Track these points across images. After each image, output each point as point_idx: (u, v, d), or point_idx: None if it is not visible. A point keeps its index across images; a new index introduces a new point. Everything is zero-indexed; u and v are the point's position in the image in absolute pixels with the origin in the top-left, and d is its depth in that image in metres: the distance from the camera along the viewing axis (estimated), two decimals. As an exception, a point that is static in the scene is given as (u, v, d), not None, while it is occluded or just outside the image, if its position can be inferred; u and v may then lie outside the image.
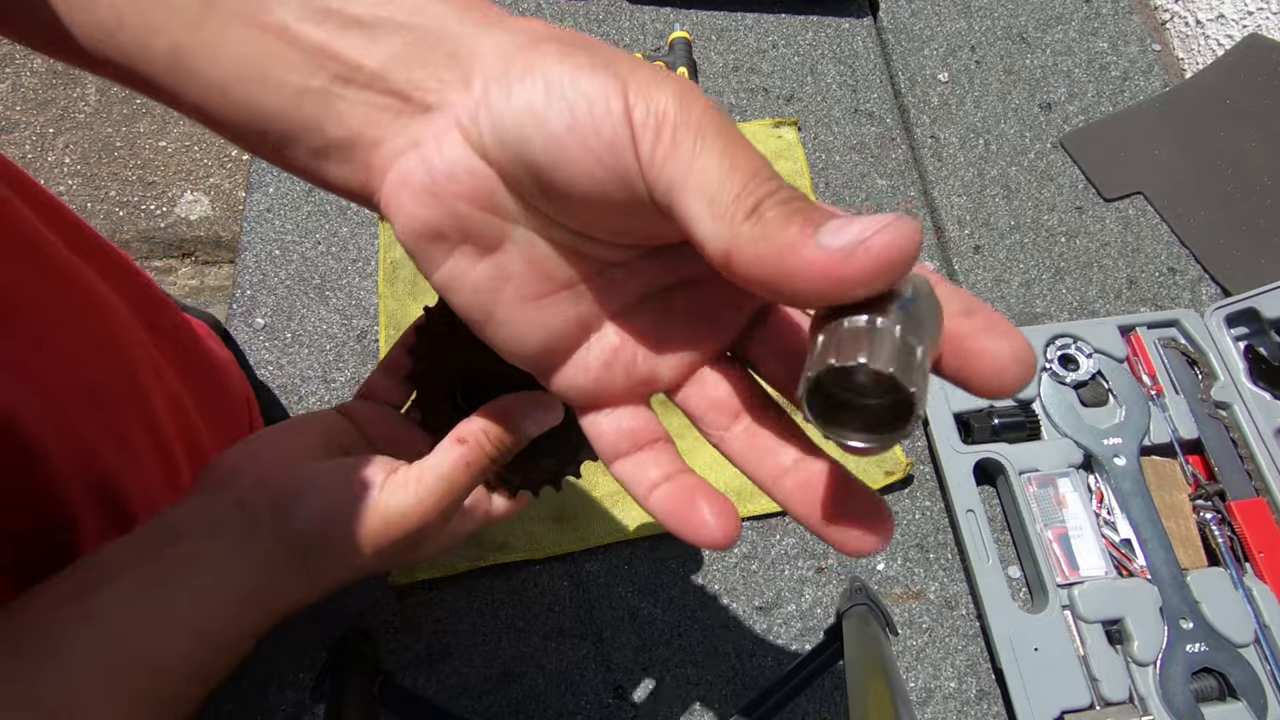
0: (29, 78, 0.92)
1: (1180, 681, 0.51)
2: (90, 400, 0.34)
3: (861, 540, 0.19)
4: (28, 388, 0.30)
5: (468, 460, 0.28)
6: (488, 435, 0.28)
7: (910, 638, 0.56)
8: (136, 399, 0.39)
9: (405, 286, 0.64)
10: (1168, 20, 0.85)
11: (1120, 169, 0.72)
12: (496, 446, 0.29)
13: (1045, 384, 0.61)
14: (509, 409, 0.29)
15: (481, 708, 0.52)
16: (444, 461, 0.28)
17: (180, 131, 0.85)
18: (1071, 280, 0.68)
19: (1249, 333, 0.62)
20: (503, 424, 0.29)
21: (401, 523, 0.28)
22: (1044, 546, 0.55)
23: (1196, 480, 0.58)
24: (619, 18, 0.78)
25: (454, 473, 0.28)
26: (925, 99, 0.76)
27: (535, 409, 0.29)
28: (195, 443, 0.45)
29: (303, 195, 0.68)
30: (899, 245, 0.15)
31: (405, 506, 0.27)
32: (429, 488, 0.28)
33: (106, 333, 0.38)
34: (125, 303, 0.41)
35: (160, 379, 0.42)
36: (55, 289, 0.34)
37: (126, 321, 0.40)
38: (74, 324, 0.35)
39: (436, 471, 0.28)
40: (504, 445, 0.29)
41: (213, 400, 0.50)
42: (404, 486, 0.28)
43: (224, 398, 0.52)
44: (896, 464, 0.60)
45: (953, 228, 0.70)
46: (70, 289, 0.36)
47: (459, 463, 0.28)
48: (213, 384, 0.51)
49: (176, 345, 0.47)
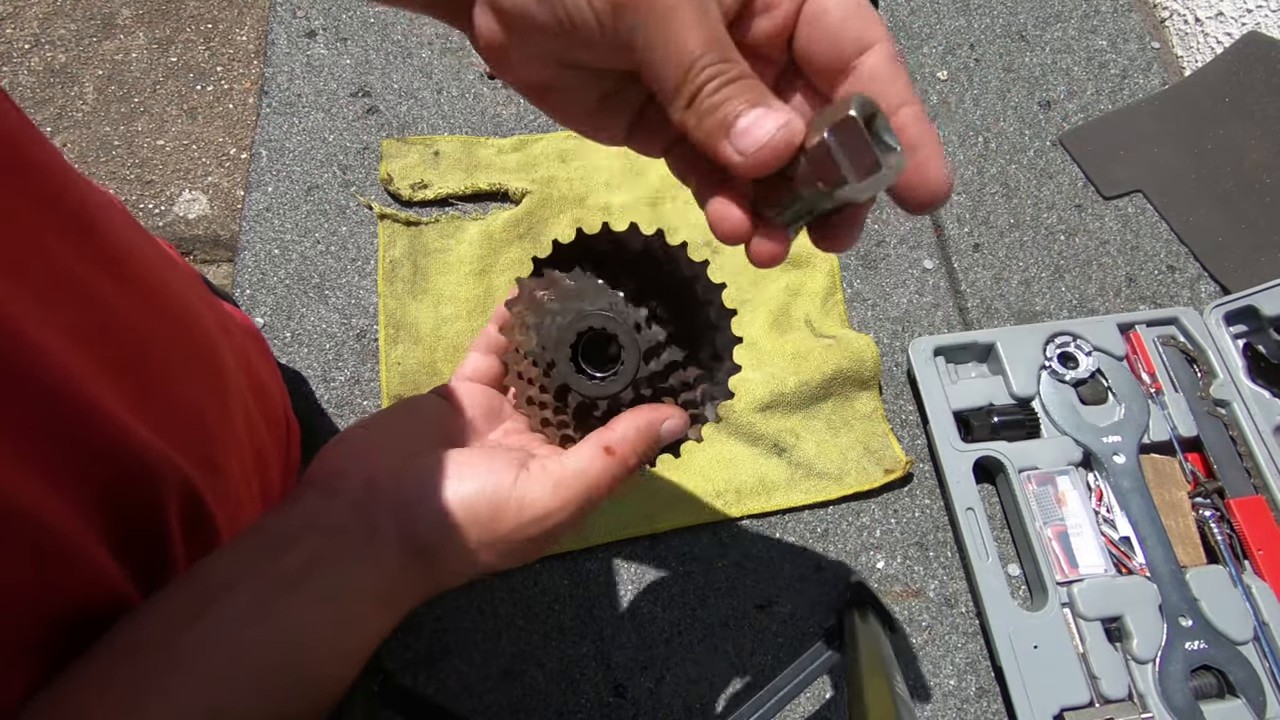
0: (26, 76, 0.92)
1: (1179, 679, 0.51)
2: (195, 423, 0.33)
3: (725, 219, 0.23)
4: (136, 407, 0.28)
5: (614, 473, 0.28)
6: (635, 450, 0.28)
7: (910, 635, 0.56)
8: (228, 426, 0.37)
9: (404, 285, 0.64)
10: (1167, 18, 0.85)
11: (1119, 167, 0.72)
12: (640, 458, 0.29)
13: (1045, 382, 0.61)
14: (653, 421, 0.29)
15: (482, 706, 0.52)
16: (590, 469, 0.27)
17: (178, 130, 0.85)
18: (1071, 278, 0.68)
19: (1248, 330, 0.62)
20: (647, 435, 0.28)
21: (538, 524, 0.27)
22: (1043, 544, 0.55)
23: (1195, 478, 0.58)
24: (618, 16, 0.78)
25: (599, 481, 0.27)
26: (924, 97, 0.76)
27: (675, 422, 0.29)
28: (261, 452, 0.43)
29: (301, 195, 0.68)
30: (783, 144, 0.21)
31: (546, 508, 0.27)
32: (573, 493, 0.27)
33: (203, 349, 0.37)
34: (207, 310, 0.39)
35: (240, 396, 0.41)
36: (154, 305, 0.33)
37: (214, 334, 0.38)
38: (176, 343, 0.34)
39: (582, 480, 0.27)
40: (645, 456, 0.29)
41: (264, 403, 0.48)
42: (541, 486, 0.27)
43: (269, 400, 0.50)
44: (896, 462, 0.60)
45: (952, 226, 0.70)
46: (168, 303, 0.34)
47: (604, 473, 0.27)
48: (260, 384, 0.49)
49: (235, 347, 0.45)
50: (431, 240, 0.66)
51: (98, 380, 0.26)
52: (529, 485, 0.27)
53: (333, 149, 0.70)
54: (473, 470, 0.27)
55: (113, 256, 0.29)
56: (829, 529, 0.59)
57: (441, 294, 0.64)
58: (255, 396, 0.45)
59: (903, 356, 0.64)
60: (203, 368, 0.36)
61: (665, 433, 0.29)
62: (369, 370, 0.62)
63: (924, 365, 0.61)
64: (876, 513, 0.59)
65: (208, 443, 0.34)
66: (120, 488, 0.27)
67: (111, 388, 0.27)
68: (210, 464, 0.34)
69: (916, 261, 0.69)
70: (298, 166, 0.69)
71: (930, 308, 0.67)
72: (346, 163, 0.69)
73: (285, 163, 0.69)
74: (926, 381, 0.61)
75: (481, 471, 0.27)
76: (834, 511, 0.59)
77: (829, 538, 0.58)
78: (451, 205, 0.68)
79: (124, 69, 0.93)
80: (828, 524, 0.59)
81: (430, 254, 0.66)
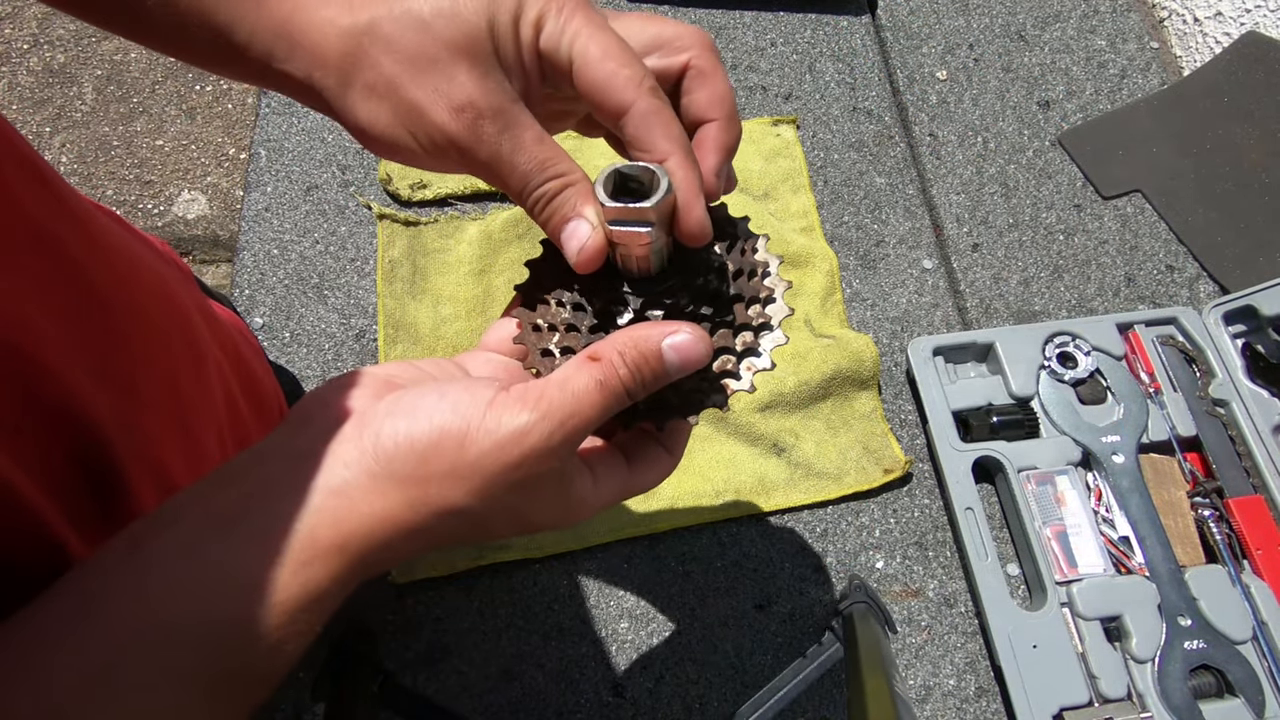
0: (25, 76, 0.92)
1: (1178, 678, 0.51)
2: (170, 398, 0.33)
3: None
4: (105, 384, 0.28)
5: (600, 379, 0.23)
6: (624, 357, 0.24)
7: (909, 635, 0.56)
8: (206, 396, 0.37)
9: (404, 285, 0.64)
10: (1166, 18, 0.85)
11: (1118, 167, 0.72)
12: (633, 373, 0.24)
13: (1044, 382, 0.61)
14: (651, 335, 0.24)
15: (482, 706, 0.52)
16: (572, 378, 0.23)
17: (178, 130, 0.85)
18: (1070, 278, 0.68)
19: (1247, 330, 0.62)
20: (643, 348, 0.24)
21: (517, 444, 0.22)
22: (1042, 544, 0.56)
23: (1194, 477, 0.58)
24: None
25: (584, 393, 0.23)
26: (924, 97, 0.76)
27: (684, 336, 0.24)
28: (247, 441, 0.42)
29: (300, 195, 0.68)
30: (596, 248, 0.25)
31: (523, 424, 0.22)
32: (554, 404, 0.23)
33: (182, 326, 0.36)
34: (186, 294, 0.39)
35: (220, 372, 0.40)
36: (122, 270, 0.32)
37: (192, 314, 0.38)
38: (155, 318, 0.33)
39: (565, 389, 0.23)
40: (642, 374, 0.24)
41: (256, 395, 0.47)
42: (520, 401, 0.23)
43: (261, 393, 0.49)
44: (895, 462, 0.60)
45: (951, 225, 0.70)
46: (139, 272, 0.33)
47: (589, 382, 0.23)
48: (252, 376, 0.48)
49: (221, 334, 0.44)
50: (431, 240, 0.66)
51: (48, 330, 0.26)
52: (506, 403, 0.23)
53: (332, 149, 0.70)
54: (452, 396, 0.24)
55: (78, 215, 0.30)
56: (828, 529, 0.59)
57: (441, 294, 0.64)
58: (242, 384, 0.45)
59: (902, 356, 0.64)
60: (175, 335, 0.36)
61: (673, 350, 0.24)
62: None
63: (923, 365, 0.61)
64: (876, 512, 0.60)
65: (178, 405, 0.34)
66: (61, 437, 0.26)
67: (63, 338, 0.27)
68: (182, 426, 0.34)
69: (915, 261, 0.69)
70: (297, 166, 0.69)
71: (929, 308, 0.67)
72: (345, 163, 0.69)
73: (284, 163, 0.69)
74: (925, 381, 0.61)
75: (458, 392, 0.24)
76: (833, 511, 0.59)
77: (828, 538, 0.58)
78: (451, 205, 0.68)
79: (123, 69, 0.93)
80: (827, 524, 0.59)
81: (429, 254, 0.66)
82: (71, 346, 0.27)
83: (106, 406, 0.28)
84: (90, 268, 0.29)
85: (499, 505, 0.24)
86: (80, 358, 0.27)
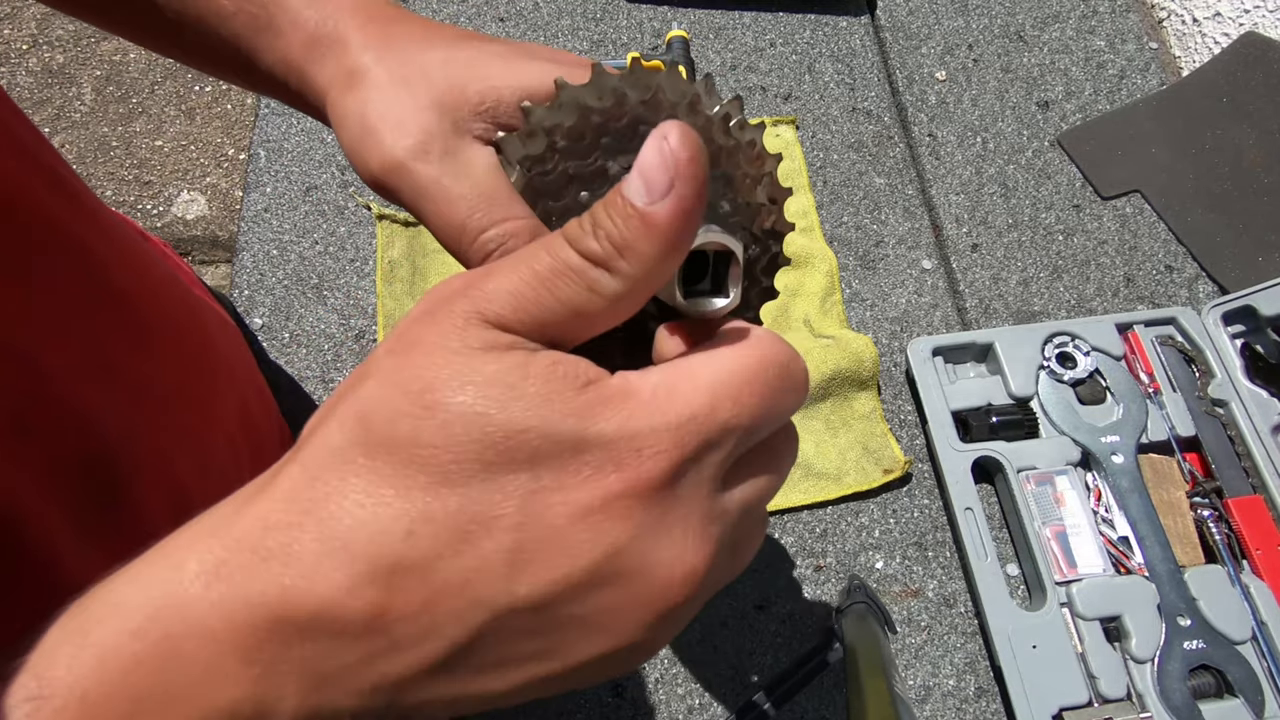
0: (24, 77, 0.92)
1: (1178, 678, 0.51)
2: (181, 400, 0.32)
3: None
4: (115, 386, 0.28)
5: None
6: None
7: (909, 635, 0.56)
8: (217, 400, 0.36)
9: (403, 286, 0.64)
10: (1165, 18, 0.85)
11: (1117, 167, 0.73)
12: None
13: (1043, 382, 0.61)
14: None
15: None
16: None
17: (177, 131, 0.85)
18: (1069, 278, 0.68)
19: (1246, 330, 0.62)
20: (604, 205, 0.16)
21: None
22: (1042, 544, 0.56)
23: (1194, 477, 0.59)
24: (616, 16, 0.78)
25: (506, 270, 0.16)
26: (923, 97, 0.76)
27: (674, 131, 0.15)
28: (257, 447, 0.40)
29: (300, 195, 0.68)
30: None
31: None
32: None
33: (195, 327, 0.35)
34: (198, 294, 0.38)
35: (231, 376, 0.39)
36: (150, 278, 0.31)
37: (205, 315, 0.38)
38: (170, 318, 0.33)
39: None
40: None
41: (263, 399, 0.46)
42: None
43: (265, 398, 0.48)
44: (895, 462, 0.60)
45: (950, 226, 0.70)
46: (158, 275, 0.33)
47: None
48: (259, 381, 0.47)
49: (229, 335, 0.44)
50: (430, 241, 0.66)
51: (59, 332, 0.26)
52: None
53: (331, 149, 0.70)
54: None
55: (93, 215, 0.29)
56: (828, 529, 0.59)
57: (440, 294, 0.64)
58: (254, 388, 0.44)
59: (901, 357, 0.65)
60: (189, 337, 0.35)
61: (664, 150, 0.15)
62: (368, 371, 0.62)
63: (922, 365, 0.61)
64: (875, 513, 0.60)
65: (189, 409, 0.34)
66: (67, 441, 0.26)
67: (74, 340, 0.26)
68: (193, 431, 0.33)
69: (915, 262, 0.69)
70: (296, 167, 0.69)
71: (929, 308, 0.67)
72: (345, 163, 0.69)
73: (284, 163, 0.69)
74: (925, 381, 0.61)
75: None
76: (833, 511, 0.59)
77: (828, 538, 0.58)
78: (450, 206, 0.68)
79: (122, 69, 0.93)
80: (826, 524, 0.59)
81: (429, 255, 0.66)
82: (83, 348, 0.27)
83: (115, 410, 0.28)
84: (110, 266, 0.29)
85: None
86: (91, 360, 0.27)
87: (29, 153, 0.26)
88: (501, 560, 0.14)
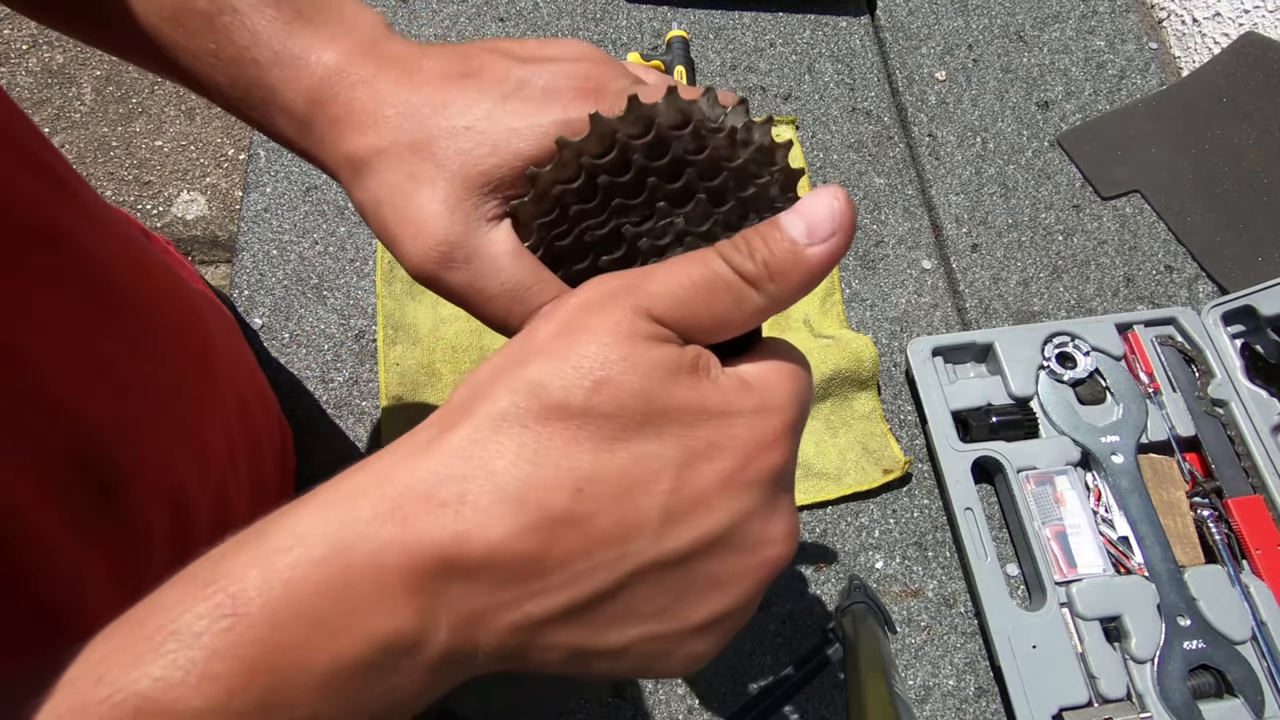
0: (24, 77, 0.92)
1: (1178, 678, 0.51)
2: (178, 398, 0.32)
3: None
4: (110, 383, 0.28)
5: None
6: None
7: (909, 635, 0.56)
8: (216, 399, 0.36)
9: (403, 286, 0.64)
10: (1164, 18, 0.85)
11: (1117, 167, 0.73)
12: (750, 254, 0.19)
13: (1043, 382, 0.61)
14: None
15: (481, 707, 0.52)
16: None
17: (176, 131, 0.85)
18: (1069, 278, 0.68)
19: (1246, 330, 0.62)
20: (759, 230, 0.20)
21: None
22: (1042, 544, 0.56)
23: (1194, 477, 0.59)
24: (616, 16, 0.78)
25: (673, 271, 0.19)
26: (923, 97, 0.76)
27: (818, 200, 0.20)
28: (255, 447, 0.41)
29: (300, 195, 0.68)
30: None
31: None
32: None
33: (194, 324, 0.35)
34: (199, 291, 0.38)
35: (231, 374, 0.39)
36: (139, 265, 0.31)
37: (204, 313, 0.37)
38: (168, 316, 0.33)
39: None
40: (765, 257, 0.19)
41: (263, 396, 0.46)
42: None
43: (266, 395, 0.48)
44: (895, 462, 0.60)
45: (950, 226, 0.70)
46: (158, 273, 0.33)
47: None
48: (258, 377, 0.47)
49: (228, 331, 0.43)
50: (430, 241, 0.66)
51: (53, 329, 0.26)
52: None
53: (331, 150, 0.70)
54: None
55: (93, 213, 0.29)
56: (828, 529, 0.59)
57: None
58: (254, 385, 0.44)
59: (901, 357, 0.65)
60: (188, 335, 0.35)
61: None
62: (368, 371, 0.62)
63: (922, 365, 0.61)
64: (875, 513, 0.60)
65: (186, 407, 0.33)
66: (60, 437, 0.26)
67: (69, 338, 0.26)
68: (190, 429, 0.33)
69: (915, 262, 0.69)
70: (296, 167, 0.69)
71: (929, 308, 0.67)
72: (345, 163, 0.69)
73: (283, 163, 0.69)
74: (925, 382, 0.61)
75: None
76: (832, 511, 0.59)
77: (828, 538, 0.58)
78: (450, 206, 0.68)
79: (122, 69, 0.93)
80: (826, 524, 0.59)
81: (429, 254, 0.66)
82: (80, 346, 0.27)
83: (113, 408, 0.28)
84: (109, 265, 0.29)
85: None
86: (88, 358, 0.27)
87: (27, 151, 0.26)
88: (656, 518, 0.17)
